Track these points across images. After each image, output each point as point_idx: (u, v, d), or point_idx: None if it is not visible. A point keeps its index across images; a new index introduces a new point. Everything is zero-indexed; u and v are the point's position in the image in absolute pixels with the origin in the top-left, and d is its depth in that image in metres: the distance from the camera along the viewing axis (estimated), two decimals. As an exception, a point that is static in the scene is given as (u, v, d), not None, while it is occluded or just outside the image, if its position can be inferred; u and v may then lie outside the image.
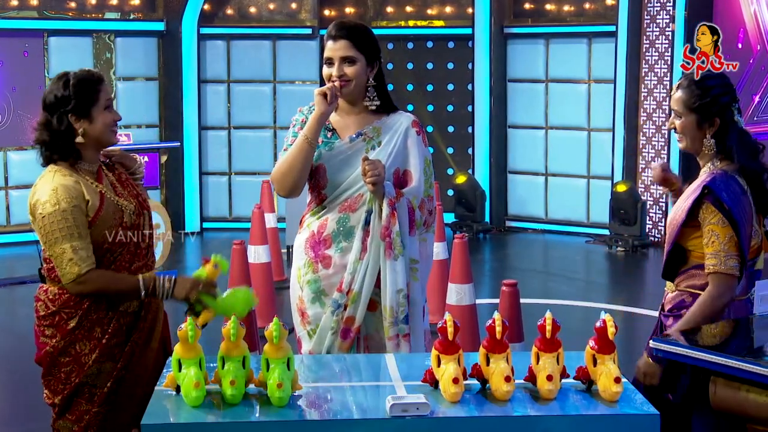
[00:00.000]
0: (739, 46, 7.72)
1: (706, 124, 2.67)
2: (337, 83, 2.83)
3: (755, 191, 2.68)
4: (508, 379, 2.23)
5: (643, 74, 8.14)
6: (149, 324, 2.73)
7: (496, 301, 4.72)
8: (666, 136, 8.04)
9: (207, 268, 2.66)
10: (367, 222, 2.82)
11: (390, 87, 3.08)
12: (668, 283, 2.79)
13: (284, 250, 7.50)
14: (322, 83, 2.94)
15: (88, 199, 2.62)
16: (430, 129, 9.14)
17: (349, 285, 2.83)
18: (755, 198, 2.68)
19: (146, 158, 7.04)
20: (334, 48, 2.84)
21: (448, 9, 9.22)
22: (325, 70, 2.87)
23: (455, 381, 2.22)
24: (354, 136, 2.88)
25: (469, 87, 9.08)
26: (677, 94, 2.71)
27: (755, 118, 7.87)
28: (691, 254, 2.69)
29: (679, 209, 2.70)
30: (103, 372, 2.65)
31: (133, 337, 2.69)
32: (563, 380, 2.31)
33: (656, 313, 2.90)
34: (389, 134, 2.87)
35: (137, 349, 2.69)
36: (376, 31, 3.04)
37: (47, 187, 2.60)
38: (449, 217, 8.55)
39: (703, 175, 2.69)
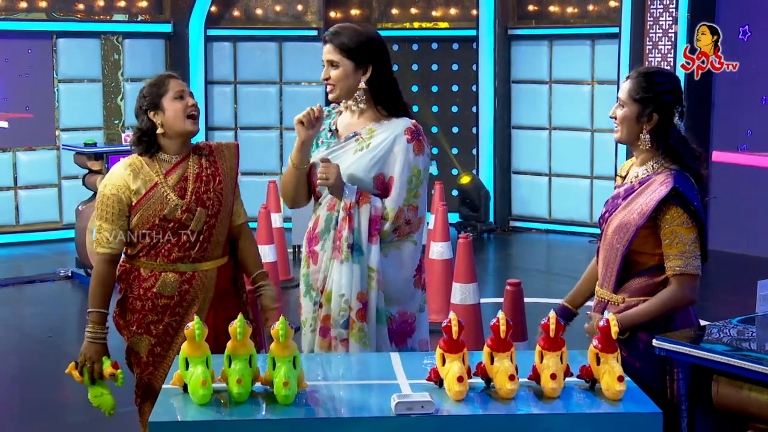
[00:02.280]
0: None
1: (644, 118, 2.63)
2: (315, 106, 2.85)
3: None
4: (512, 377, 2.24)
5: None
6: (185, 310, 2.92)
7: (500, 300, 4.74)
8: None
9: (109, 367, 2.92)
10: (337, 222, 2.84)
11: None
12: (606, 293, 2.69)
13: (290, 250, 7.53)
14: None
15: (134, 188, 2.91)
16: (434, 130, 9.16)
17: (323, 284, 2.86)
18: None
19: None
20: (323, 51, 2.89)
21: (452, 11, 9.25)
22: (322, 72, 2.91)
23: (460, 379, 2.23)
24: (350, 135, 2.89)
25: (474, 88, 9.10)
26: (624, 84, 2.69)
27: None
28: (642, 257, 2.62)
29: (633, 211, 2.61)
30: (142, 342, 2.94)
31: (166, 319, 2.92)
32: (567, 379, 2.32)
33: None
34: (379, 138, 2.85)
35: (171, 330, 2.93)
36: (380, 33, 3.04)
37: (111, 170, 2.98)
38: (453, 217, 8.57)
39: (652, 175, 2.63)
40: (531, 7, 9.02)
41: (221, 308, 2.98)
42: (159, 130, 2.91)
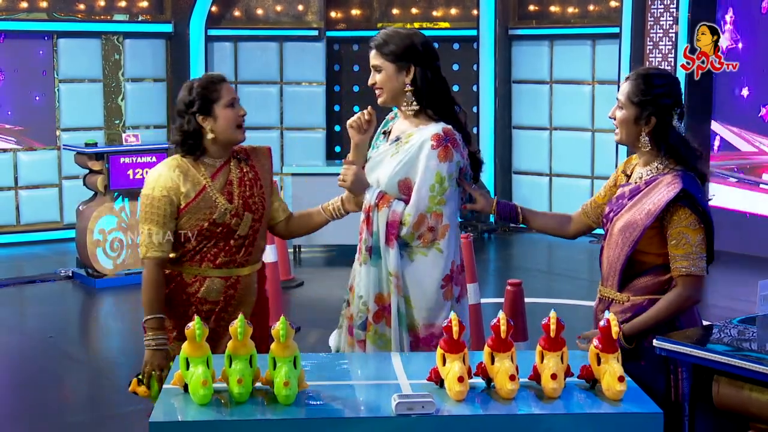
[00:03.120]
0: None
1: (643, 121, 2.63)
2: (367, 110, 2.89)
3: None
4: (512, 377, 2.25)
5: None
6: (230, 315, 2.87)
7: (501, 300, 4.75)
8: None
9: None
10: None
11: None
12: (610, 292, 2.70)
13: (291, 250, 7.53)
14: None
15: (183, 190, 2.86)
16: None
17: (351, 283, 2.89)
18: None
19: (154, 158, 7.09)
20: (371, 57, 2.90)
21: (453, 11, 9.25)
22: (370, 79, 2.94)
23: (460, 379, 2.24)
24: (394, 139, 2.91)
25: (474, 88, 9.11)
26: (623, 86, 2.69)
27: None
28: (647, 257, 2.63)
29: (640, 211, 2.62)
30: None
31: (210, 325, 2.85)
32: (567, 379, 2.33)
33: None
34: (410, 143, 2.85)
35: (215, 335, 2.82)
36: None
37: (156, 171, 2.91)
38: (454, 218, 8.57)
39: (658, 176, 2.63)
40: (532, 7, 9.02)
41: (260, 312, 2.99)
42: (209, 136, 2.88)
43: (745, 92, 7.79)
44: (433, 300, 2.82)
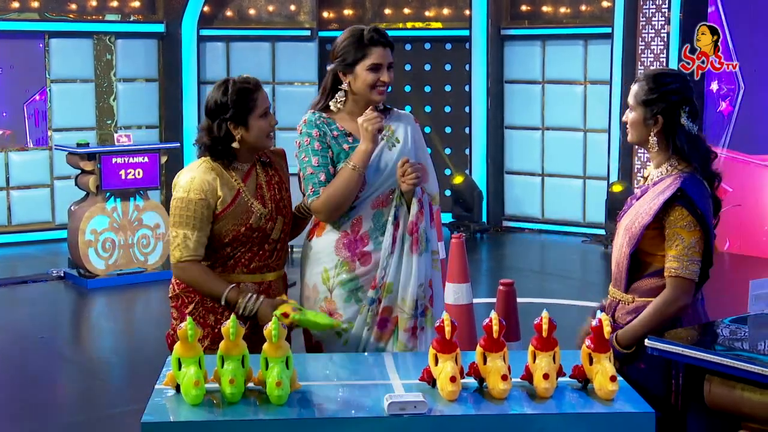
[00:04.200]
0: None
1: (650, 121, 2.62)
2: (369, 110, 2.89)
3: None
4: (504, 377, 2.25)
5: (639, 76, 8.16)
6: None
7: (493, 300, 4.75)
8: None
9: (286, 307, 2.74)
10: (396, 217, 2.88)
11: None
12: (618, 292, 2.69)
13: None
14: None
15: (221, 195, 2.78)
16: (427, 130, 9.17)
17: (382, 279, 2.87)
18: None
19: (146, 158, 7.07)
20: (384, 55, 2.88)
21: (445, 11, 9.26)
22: (371, 75, 2.86)
23: (452, 379, 2.24)
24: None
25: (467, 88, 9.11)
26: (632, 88, 2.70)
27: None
28: (653, 258, 2.62)
29: (641, 211, 2.62)
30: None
31: (246, 331, 2.71)
32: (559, 379, 2.33)
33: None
34: (400, 131, 2.94)
35: (249, 342, 2.66)
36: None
37: (189, 174, 2.82)
38: (447, 217, 8.58)
39: (665, 177, 2.63)
40: (524, 8, 9.04)
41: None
42: (235, 144, 2.79)
43: (714, 86, 7.77)
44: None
